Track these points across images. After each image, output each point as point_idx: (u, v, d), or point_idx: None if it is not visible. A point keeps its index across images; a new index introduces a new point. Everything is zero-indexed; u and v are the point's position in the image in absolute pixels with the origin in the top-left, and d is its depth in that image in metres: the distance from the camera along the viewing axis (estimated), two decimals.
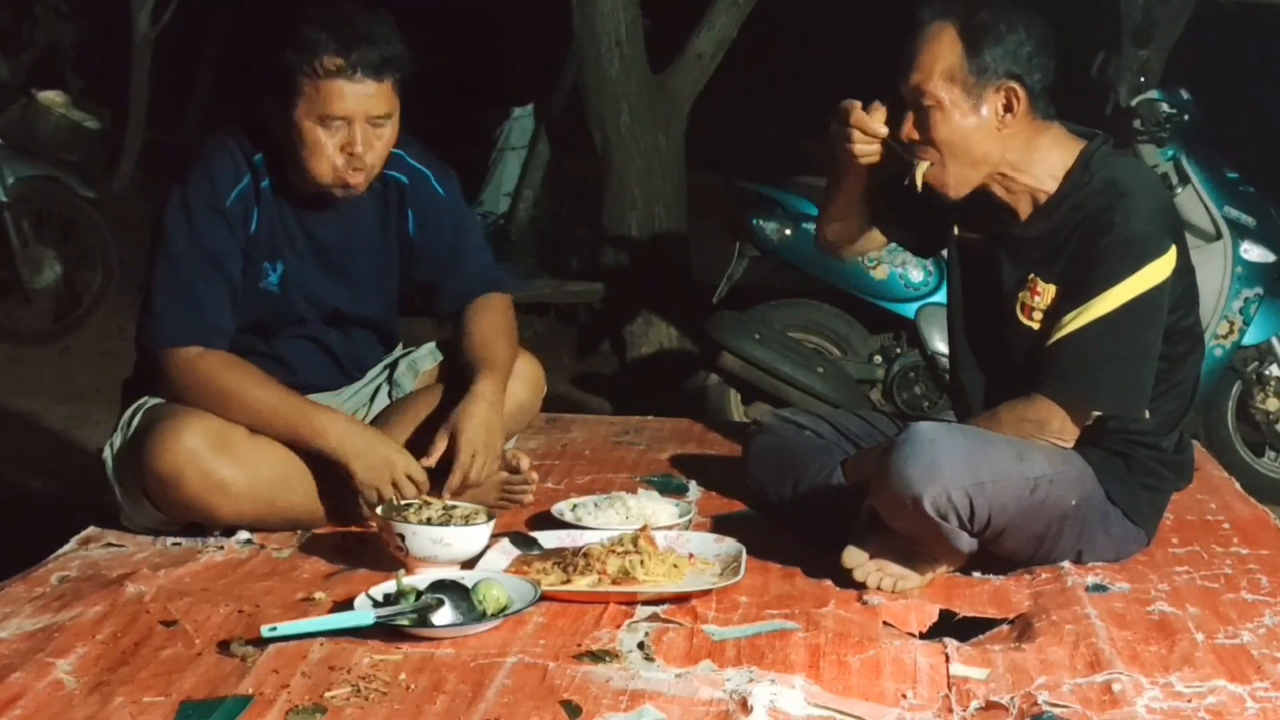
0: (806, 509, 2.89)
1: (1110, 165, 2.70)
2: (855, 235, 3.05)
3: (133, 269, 5.11)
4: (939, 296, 4.80)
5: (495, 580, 2.40)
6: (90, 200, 6.75)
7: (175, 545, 2.76)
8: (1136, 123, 4.89)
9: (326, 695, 2.03)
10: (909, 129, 2.69)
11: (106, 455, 2.83)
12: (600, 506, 2.90)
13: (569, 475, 3.37)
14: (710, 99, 6.74)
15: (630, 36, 6.31)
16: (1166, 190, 3.83)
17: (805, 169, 4.96)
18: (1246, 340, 4.97)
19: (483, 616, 2.30)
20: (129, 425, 2.82)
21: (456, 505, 2.66)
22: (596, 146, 6.47)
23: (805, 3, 9.38)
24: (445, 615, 2.27)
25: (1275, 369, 5.03)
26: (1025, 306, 2.72)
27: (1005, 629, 2.44)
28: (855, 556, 2.59)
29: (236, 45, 10.23)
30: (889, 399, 5.00)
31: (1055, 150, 2.72)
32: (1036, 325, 2.70)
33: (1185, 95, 4.99)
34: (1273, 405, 5.05)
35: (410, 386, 3.06)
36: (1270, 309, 4.97)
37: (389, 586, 2.38)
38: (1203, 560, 2.80)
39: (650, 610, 2.41)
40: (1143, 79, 5.14)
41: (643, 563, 2.49)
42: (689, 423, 4.02)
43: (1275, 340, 5.02)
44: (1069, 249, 2.66)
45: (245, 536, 2.79)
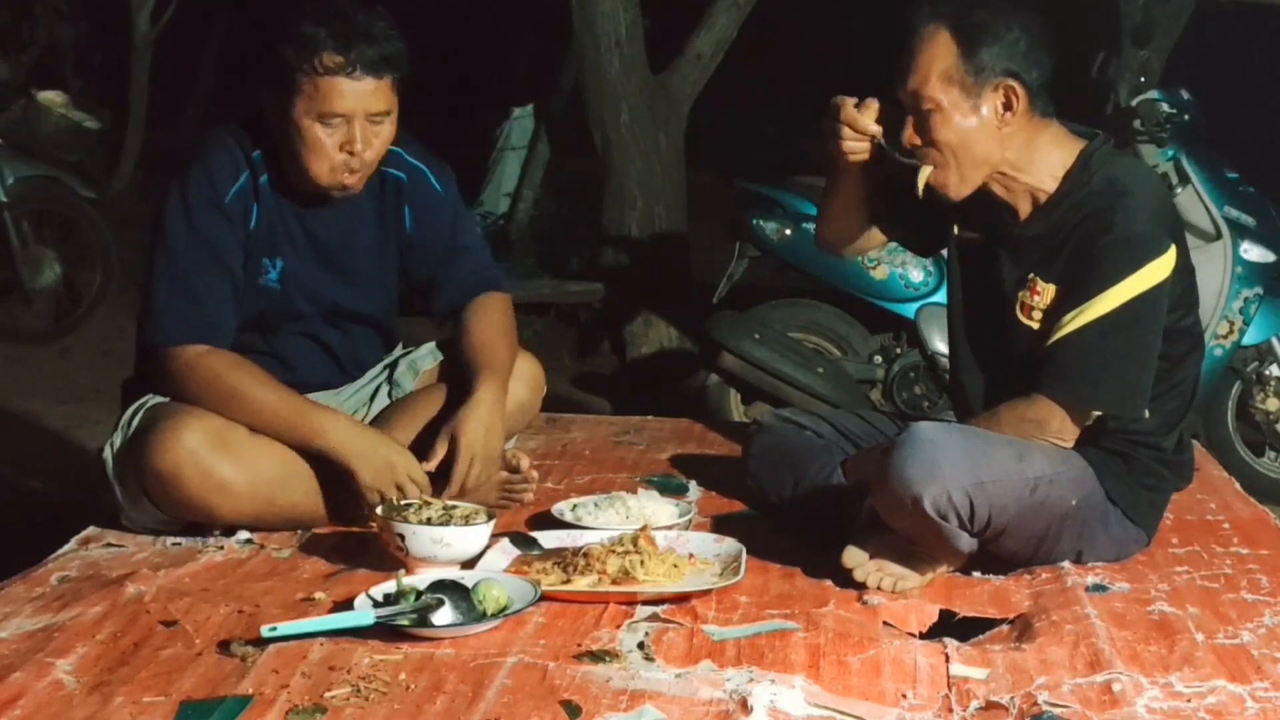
0: (806, 509, 2.89)
1: (1110, 165, 2.70)
2: (855, 234, 3.05)
3: (133, 269, 5.12)
4: (939, 296, 4.80)
5: (495, 580, 2.40)
6: (90, 200, 6.74)
7: (175, 545, 2.76)
8: (1136, 123, 4.90)
9: (326, 695, 2.03)
10: (910, 135, 2.69)
11: (106, 455, 2.82)
12: (600, 506, 2.90)
13: (569, 475, 3.37)
14: (710, 99, 6.74)
15: (630, 36, 6.30)
16: (1166, 190, 3.82)
17: (805, 169, 4.95)
18: (1246, 340, 4.97)
19: (483, 616, 2.30)
20: (129, 425, 2.82)
21: (456, 505, 2.66)
22: (596, 146, 6.47)
23: (805, 3, 9.37)
24: (445, 615, 2.27)
25: (1275, 369, 5.03)
26: (1025, 306, 2.72)
27: (1005, 629, 2.44)
28: (855, 556, 2.59)
29: (236, 45, 10.22)
30: (889, 399, 4.99)
31: (1055, 149, 2.72)
32: (1036, 325, 2.70)
33: (1185, 95, 4.99)
34: (1273, 405, 5.05)
35: (410, 386, 3.06)
36: (1270, 309, 4.97)
37: (389, 586, 2.38)
38: (1203, 560, 2.80)
39: (650, 610, 2.41)
40: (1143, 79, 5.14)
41: (643, 563, 2.49)
42: (689, 423, 4.02)
43: (1275, 340, 5.02)
44: (1069, 248, 2.66)
45: (245, 536, 2.78)
